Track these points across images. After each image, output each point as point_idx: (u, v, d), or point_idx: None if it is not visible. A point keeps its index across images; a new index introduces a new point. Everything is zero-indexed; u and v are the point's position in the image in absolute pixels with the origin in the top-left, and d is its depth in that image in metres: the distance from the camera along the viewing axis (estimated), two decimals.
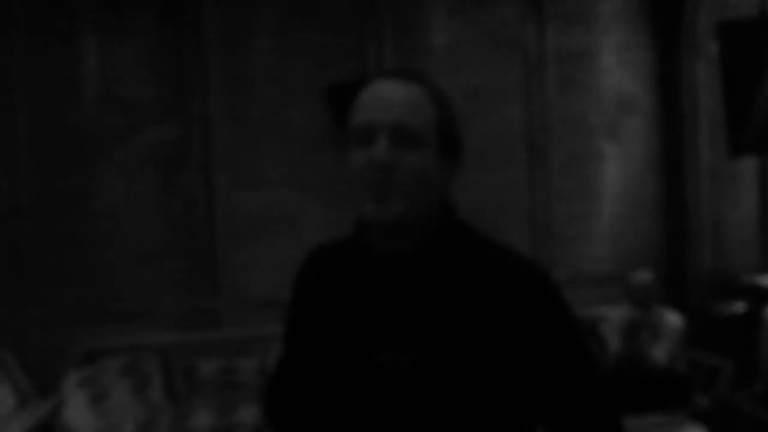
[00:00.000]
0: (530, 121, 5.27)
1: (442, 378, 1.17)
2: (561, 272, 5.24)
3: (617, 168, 5.40)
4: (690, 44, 5.23)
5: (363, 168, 1.19)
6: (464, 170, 4.81)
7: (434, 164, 1.22)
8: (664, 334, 4.38)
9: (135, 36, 4.83)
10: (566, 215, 5.31)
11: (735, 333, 4.68)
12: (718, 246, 5.29)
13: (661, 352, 4.32)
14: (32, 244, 4.67)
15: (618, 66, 5.39)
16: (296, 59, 4.98)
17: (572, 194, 5.32)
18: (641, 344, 4.32)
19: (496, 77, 5.23)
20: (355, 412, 1.24)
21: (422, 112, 1.21)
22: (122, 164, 4.79)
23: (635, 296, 4.44)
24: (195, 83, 4.86)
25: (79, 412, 4.13)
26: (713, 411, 4.27)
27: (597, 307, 4.96)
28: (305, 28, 5.00)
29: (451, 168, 1.27)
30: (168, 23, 4.86)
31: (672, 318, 4.44)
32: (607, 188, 5.39)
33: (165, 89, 4.85)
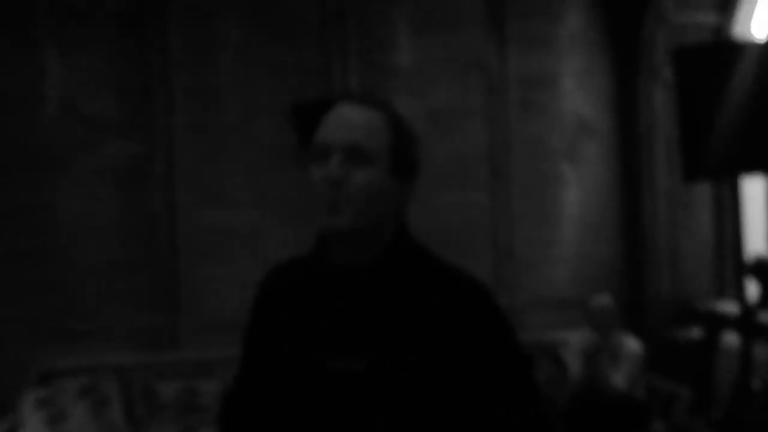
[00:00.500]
0: (492, 143, 5.33)
1: (391, 381, 1.28)
2: (522, 295, 5.28)
3: (577, 191, 5.47)
4: (647, 69, 5.34)
5: (319, 182, 1.32)
6: (425, 191, 4.77)
7: (386, 182, 1.33)
8: (624, 359, 4.41)
9: (97, 48, 4.78)
10: (527, 238, 5.35)
11: (692, 359, 4.75)
12: (675, 271, 5.37)
13: (621, 378, 4.35)
14: None
15: (577, 89, 5.47)
16: (261, 75, 4.97)
17: (533, 217, 5.37)
18: (600, 369, 4.35)
19: (459, 98, 5.27)
20: (311, 416, 1.33)
21: (377, 135, 1.32)
22: (82, 178, 4.73)
23: (594, 320, 4.47)
24: (158, 97, 4.82)
25: None
26: None
27: (558, 331, 4.99)
28: (270, 44, 5.00)
29: (404, 188, 1.38)
30: (131, 35, 4.81)
31: (631, 343, 4.48)
32: (567, 211, 5.45)
33: (127, 103, 4.80)
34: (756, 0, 5.18)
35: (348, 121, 1.32)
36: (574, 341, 4.53)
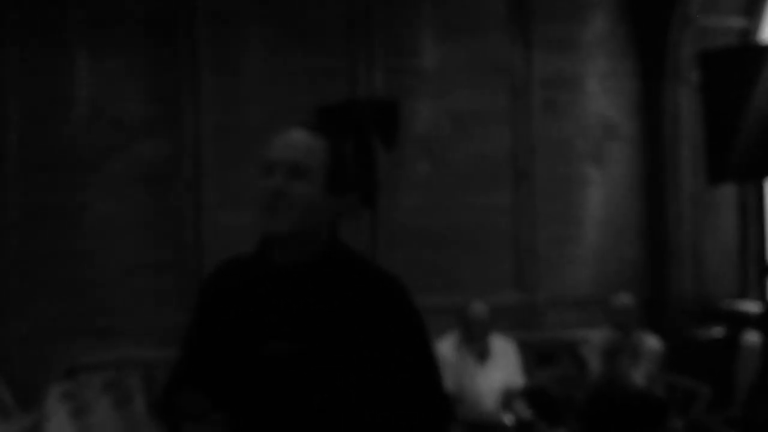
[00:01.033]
0: (515, 145, 5.34)
1: (317, 363, 1.51)
2: (543, 294, 5.29)
3: (601, 193, 5.46)
4: (673, 72, 5.32)
5: (263, 192, 1.55)
6: (450, 191, 4.80)
7: (320, 196, 1.57)
8: (643, 358, 4.43)
9: (127, 52, 4.87)
10: (550, 239, 5.36)
11: (712, 358, 4.73)
12: (698, 272, 5.36)
13: (640, 376, 4.37)
14: (18, 258, 4.67)
15: (602, 92, 5.47)
16: (287, 78, 5.03)
17: (556, 218, 5.38)
18: (620, 367, 4.36)
19: (483, 101, 5.29)
20: (245, 395, 1.55)
21: (314, 156, 1.57)
22: (111, 180, 4.81)
23: (615, 319, 4.49)
24: (186, 100, 4.90)
25: (61, 427, 4.11)
26: None
27: (578, 330, 5.00)
28: (297, 48, 5.06)
29: (338, 201, 1.60)
30: (161, 40, 4.90)
31: (651, 342, 4.49)
32: (591, 213, 5.45)
33: (156, 106, 4.88)
34: None
35: (292, 143, 1.59)
36: (595, 340, 4.55)
